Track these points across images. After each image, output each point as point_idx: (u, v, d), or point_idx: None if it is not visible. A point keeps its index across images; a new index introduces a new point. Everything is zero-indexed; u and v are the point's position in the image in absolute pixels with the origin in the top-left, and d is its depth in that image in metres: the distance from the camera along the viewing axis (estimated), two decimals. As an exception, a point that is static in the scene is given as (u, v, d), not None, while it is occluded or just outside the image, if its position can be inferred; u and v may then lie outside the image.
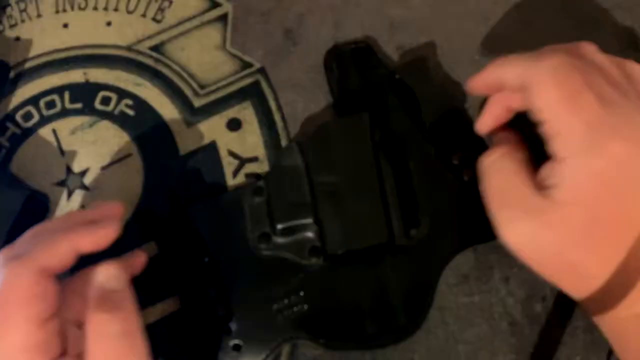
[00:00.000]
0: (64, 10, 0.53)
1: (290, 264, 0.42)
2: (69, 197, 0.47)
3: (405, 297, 0.40)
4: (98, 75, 0.50)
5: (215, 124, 0.48)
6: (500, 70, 0.36)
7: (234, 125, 0.48)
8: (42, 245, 0.33)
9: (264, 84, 0.49)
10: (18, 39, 0.52)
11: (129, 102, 0.49)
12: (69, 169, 0.48)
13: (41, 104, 0.50)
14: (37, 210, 0.46)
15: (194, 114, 0.48)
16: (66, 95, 0.50)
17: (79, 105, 0.49)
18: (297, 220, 0.42)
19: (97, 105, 0.49)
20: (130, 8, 0.52)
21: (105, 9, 0.52)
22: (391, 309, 0.40)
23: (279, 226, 0.42)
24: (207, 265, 0.42)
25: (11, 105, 0.50)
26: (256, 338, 0.40)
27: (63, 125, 0.49)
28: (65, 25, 0.52)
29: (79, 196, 0.47)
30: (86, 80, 0.50)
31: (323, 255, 0.41)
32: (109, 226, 0.35)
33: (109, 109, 0.49)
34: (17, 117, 0.49)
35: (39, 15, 0.53)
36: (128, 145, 0.48)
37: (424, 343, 0.41)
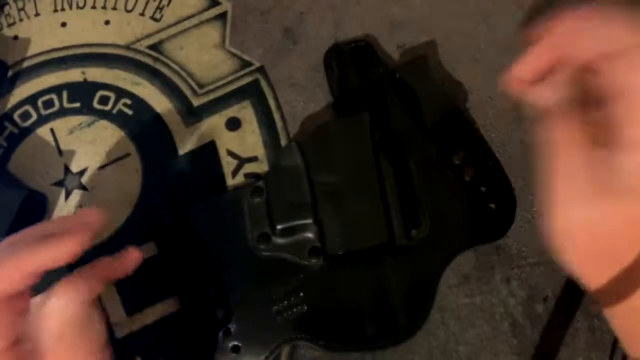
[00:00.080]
0: (62, 9, 0.53)
1: (289, 265, 0.42)
2: (67, 197, 0.46)
3: (405, 298, 0.40)
4: (96, 74, 0.50)
5: (215, 123, 0.48)
6: (580, 22, 0.32)
7: (233, 124, 0.48)
8: None
9: (264, 83, 0.49)
10: (16, 37, 0.52)
11: (128, 102, 0.49)
12: (67, 169, 0.47)
13: (39, 104, 0.49)
14: (35, 210, 0.46)
15: (192, 114, 0.48)
16: (64, 94, 0.50)
17: (77, 105, 0.49)
18: (297, 221, 0.41)
19: (96, 105, 0.49)
20: (129, 7, 0.52)
21: (104, 7, 0.52)
22: (391, 309, 0.40)
23: (279, 226, 0.41)
24: (207, 266, 0.42)
25: (9, 105, 0.50)
26: (255, 339, 0.40)
27: (61, 125, 0.49)
28: (63, 24, 0.52)
29: (77, 196, 0.46)
30: (84, 79, 0.50)
31: (323, 256, 0.41)
32: (70, 240, 0.32)
33: (108, 108, 0.49)
34: (15, 117, 0.49)
35: (37, 14, 0.53)
36: (126, 145, 0.48)
37: (425, 344, 0.41)
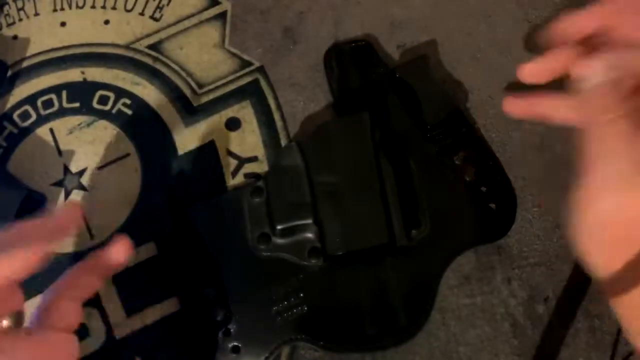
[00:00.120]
0: (62, 9, 0.52)
1: (289, 265, 0.41)
2: (66, 197, 0.46)
3: (406, 299, 0.40)
4: (96, 74, 0.50)
5: (214, 123, 0.48)
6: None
7: (233, 124, 0.47)
8: None
9: (263, 83, 0.48)
10: (15, 37, 0.52)
11: (127, 102, 0.49)
12: (66, 169, 0.47)
13: (39, 103, 0.49)
14: (35, 210, 0.46)
15: (192, 113, 0.48)
16: (64, 94, 0.50)
17: (77, 105, 0.49)
18: (297, 221, 0.41)
19: (95, 105, 0.49)
20: (129, 6, 0.52)
21: (103, 7, 0.52)
22: (392, 310, 0.40)
23: (279, 227, 0.41)
24: (207, 266, 0.42)
25: (8, 105, 0.49)
26: (255, 340, 0.40)
27: (61, 125, 0.49)
28: (63, 24, 0.52)
29: (77, 196, 0.46)
30: (84, 79, 0.50)
31: (323, 256, 0.41)
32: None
33: (107, 108, 0.49)
34: (15, 117, 0.49)
35: (36, 14, 0.53)
36: (126, 145, 0.47)
37: (425, 345, 0.41)
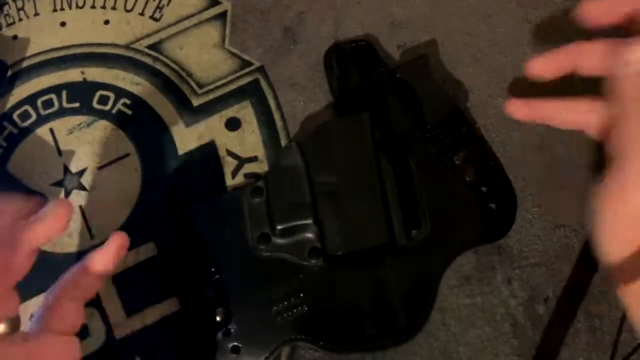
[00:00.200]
0: (62, 9, 0.52)
1: (289, 265, 0.41)
2: (66, 197, 0.46)
3: (406, 299, 0.40)
4: (96, 74, 0.50)
5: (214, 123, 0.48)
6: None
7: (233, 124, 0.47)
8: None
9: (263, 83, 0.48)
10: (15, 37, 0.52)
11: (127, 102, 0.49)
12: (66, 169, 0.47)
13: (38, 103, 0.49)
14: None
15: (192, 113, 0.48)
16: (64, 94, 0.50)
17: (77, 105, 0.49)
18: (297, 221, 0.41)
19: (95, 105, 0.49)
20: (128, 6, 0.52)
21: (103, 7, 0.52)
22: (392, 310, 0.40)
23: (279, 227, 0.41)
24: (207, 266, 0.42)
25: (8, 105, 0.49)
26: (255, 340, 0.40)
27: (60, 125, 0.49)
28: (62, 24, 0.52)
29: (77, 196, 0.46)
30: (84, 79, 0.50)
31: (323, 256, 0.41)
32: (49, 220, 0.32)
33: (107, 108, 0.49)
34: (15, 117, 0.49)
35: (36, 14, 0.53)
36: (126, 145, 0.47)
37: (425, 345, 0.40)
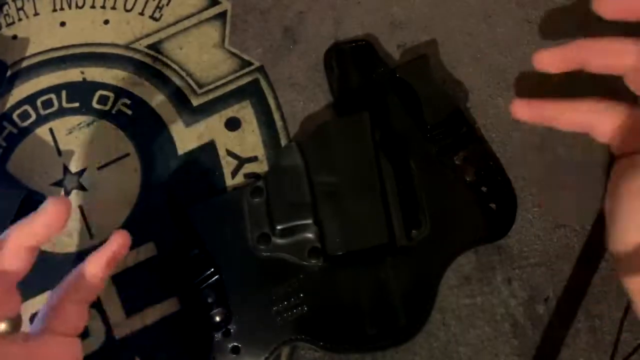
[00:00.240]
0: (62, 9, 0.52)
1: (289, 265, 0.41)
2: (66, 197, 0.46)
3: (406, 299, 0.40)
4: (95, 74, 0.50)
5: (214, 123, 0.47)
6: None
7: (233, 124, 0.47)
8: None
9: (263, 83, 0.48)
10: (15, 37, 0.52)
11: (127, 101, 0.49)
12: (66, 169, 0.47)
13: (38, 103, 0.49)
14: (35, 211, 0.46)
15: (192, 113, 0.48)
16: (63, 94, 0.49)
17: (77, 105, 0.49)
18: (297, 221, 0.41)
19: (95, 105, 0.49)
20: (128, 6, 0.52)
21: (103, 7, 0.52)
22: (392, 310, 0.40)
23: (279, 227, 0.41)
24: (206, 266, 0.42)
25: (8, 105, 0.49)
26: (255, 340, 0.40)
27: (60, 125, 0.49)
28: (62, 24, 0.52)
29: (76, 196, 0.46)
30: (83, 79, 0.50)
31: (323, 256, 0.41)
32: (48, 212, 0.32)
33: (107, 108, 0.49)
34: (14, 117, 0.49)
35: (36, 14, 0.52)
36: (126, 145, 0.47)
37: (425, 345, 0.40)
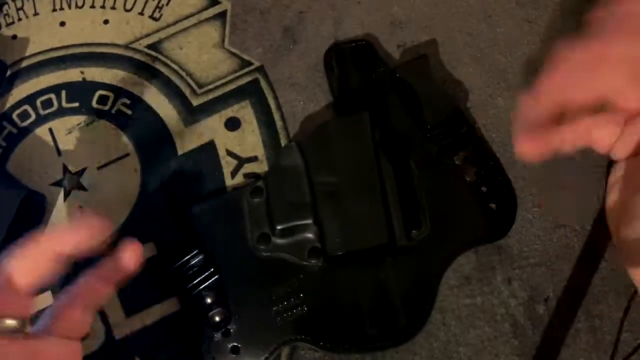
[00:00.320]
0: (61, 9, 0.52)
1: (289, 265, 0.41)
2: (66, 197, 0.46)
3: (406, 299, 0.40)
4: (95, 74, 0.50)
5: (214, 123, 0.47)
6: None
7: (233, 124, 0.47)
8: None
9: (263, 83, 0.48)
10: (15, 37, 0.52)
11: (127, 101, 0.48)
12: (66, 169, 0.47)
13: (38, 103, 0.49)
14: (34, 211, 0.46)
15: (192, 113, 0.48)
16: (63, 94, 0.49)
17: (76, 105, 0.49)
18: (297, 221, 0.41)
19: (95, 105, 0.49)
20: (128, 6, 0.52)
21: (103, 7, 0.52)
22: (392, 310, 0.40)
23: (279, 227, 0.41)
24: (206, 266, 0.42)
25: (8, 105, 0.49)
26: (255, 340, 0.40)
27: (60, 125, 0.48)
28: (62, 24, 0.52)
29: (76, 196, 0.46)
30: (83, 79, 0.50)
31: (323, 256, 0.41)
32: (85, 227, 0.31)
33: (106, 108, 0.49)
34: (14, 117, 0.49)
35: (36, 14, 0.52)
36: (125, 145, 0.47)
37: (425, 345, 0.40)
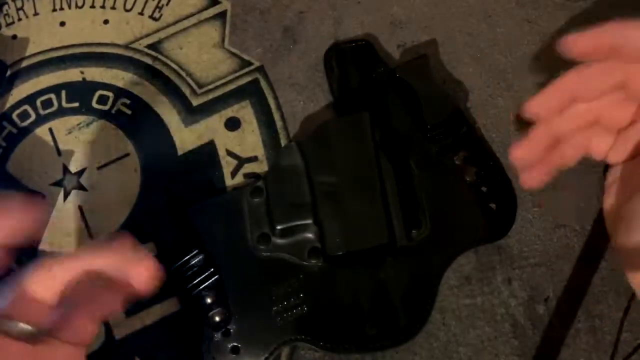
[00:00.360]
0: (61, 9, 0.52)
1: (289, 265, 0.41)
2: (65, 197, 0.46)
3: (406, 299, 0.40)
4: (95, 74, 0.50)
5: (214, 123, 0.47)
6: (627, 33, 0.31)
7: (233, 124, 0.47)
8: None
9: (263, 83, 0.48)
10: (15, 37, 0.52)
11: (127, 101, 0.48)
12: (65, 169, 0.47)
13: (38, 103, 0.49)
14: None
15: (192, 113, 0.48)
16: (63, 94, 0.49)
17: (76, 105, 0.49)
18: (297, 221, 0.41)
19: (95, 104, 0.49)
20: (128, 6, 0.52)
21: (103, 7, 0.52)
22: (392, 310, 0.40)
23: (279, 227, 0.41)
24: (206, 266, 0.42)
25: (8, 105, 0.49)
26: (255, 340, 0.40)
27: (60, 125, 0.48)
28: (62, 24, 0.52)
29: (76, 196, 0.46)
30: (83, 79, 0.50)
31: (323, 256, 0.41)
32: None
33: (106, 108, 0.49)
34: (14, 117, 0.49)
35: (36, 14, 0.52)
36: (125, 145, 0.47)
37: (425, 345, 0.40)
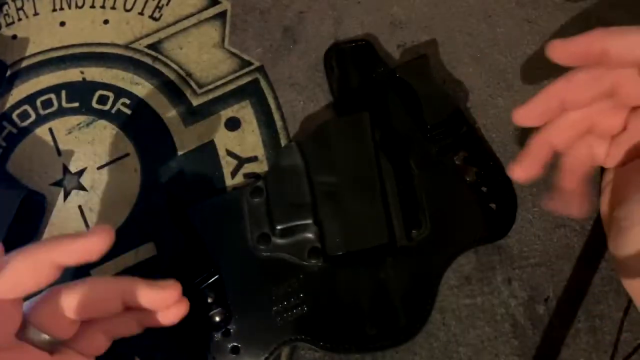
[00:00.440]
0: (61, 9, 0.52)
1: (289, 265, 0.41)
2: (65, 197, 0.46)
3: (406, 299, 0.40)
4: (95, 74, 0.50)
5: (214, 123, 0.47)
6: (613, 39, 0.31)
7: (233, 124, 0.47)
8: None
9: (263, 83, 0.48)
10: (15, 37, 0.52)
11: (127, 101, 0.48)
12: (66, 169, 0.47)
13: (38, 103, 0.49)
14: (34, 211, 0.46)
15: (192, 113, 0.48)
16: (63, 94, 0.49)
17: (76, 105, 0.49)
18: (297, 221, 0.41)
19: (95, 104, 0.49)
20: (128, 6, 0.52)
21: (103, 7, 0.52)
22: (392, 310, 0.40)
23: (279, 227, 0.41)
24: (206, 266, 0.42)
25: (8, 105, 0.49)
26: (255, 340, 0.40)
27: (60, 125, 0.49)
28: (62, 24, 0.52)
29: (76, 196, 0.46)
30: (83, 79, 0.50)
31: (323, 256, 0.41)
32: (95, 237, 0.31)
33: (107, 108, 0.49)
34: (14, 117, 0.49)
35: (35, 14, 0.52)
36: (125, 145, 0.47)
37: (425, 345, 0.40)
